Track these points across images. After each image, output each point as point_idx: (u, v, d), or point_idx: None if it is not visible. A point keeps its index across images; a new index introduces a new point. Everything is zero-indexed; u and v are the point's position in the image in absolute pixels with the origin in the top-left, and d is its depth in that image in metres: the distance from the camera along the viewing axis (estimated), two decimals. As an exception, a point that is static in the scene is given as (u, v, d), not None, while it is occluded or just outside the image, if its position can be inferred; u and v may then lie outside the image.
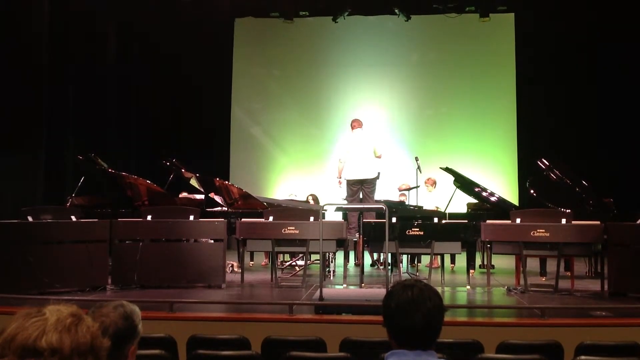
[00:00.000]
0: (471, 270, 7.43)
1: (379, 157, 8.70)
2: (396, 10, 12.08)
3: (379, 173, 8.70)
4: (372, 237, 7.16)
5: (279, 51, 13.01)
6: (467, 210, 8.69)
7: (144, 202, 8.24)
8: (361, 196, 8.68)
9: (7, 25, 9.17)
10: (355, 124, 8.91)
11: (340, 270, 7.96)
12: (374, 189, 8.71)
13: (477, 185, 8.29)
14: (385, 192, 9.75)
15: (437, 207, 9.00)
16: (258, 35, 13.10)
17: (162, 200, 8.14)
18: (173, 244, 7.04)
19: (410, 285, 2.10)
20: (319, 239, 6.02)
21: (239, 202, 8.24)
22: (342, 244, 7.32)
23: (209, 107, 12.78)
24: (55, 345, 1.30)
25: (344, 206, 8.45)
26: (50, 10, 9.84)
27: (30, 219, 6.42)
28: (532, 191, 7.79)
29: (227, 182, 8.98)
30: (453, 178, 8.45)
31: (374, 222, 7.44)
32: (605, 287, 6.38)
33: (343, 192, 9.02)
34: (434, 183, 9.57)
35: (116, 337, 2.02)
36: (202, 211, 7.60)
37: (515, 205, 8.73)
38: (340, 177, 8.82)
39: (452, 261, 8.53)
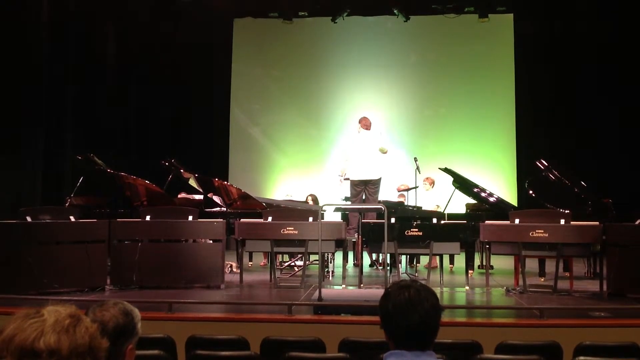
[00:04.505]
0: (470, 271, 7.44)
1: (385, 152, 8.59)
2: (395, 11, 12.10)
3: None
4: (371, 238, 7.16)
5: (278, 52, 13.02)
6: (466, 211, 8.70)
7: (142, 202, 8.24)
8: (363, 197, 8.66)
9: (6, 25, 9.17)
10: (365, 125, 8.77)
11: (339, 271, 7.97)
12: (378, 190, 8.65)
13: (476, 186, 8.30)
14: (384, 192, 9.74)
15: (438, 206, 9.01)
16: (257, 35, 13.11)
17: (161, 200, 8.14)
18: (172, 244, 7.04)
19: (407, 286, 2.11)
20: (317, 240, 6.02)
21: (238, 203, 8.24)
22: (341, 244, 7.32)
23: (208, 108, 12.79)
24: (53, 346, 1.30)
25: (342, 206, 8.45)
26: (50, 9, 9.84)
27: (29, 219, 6.41)
28: (530, 192, 7.80)
29: (226, 182, 8.98)
30: (452, 179, 8.45)
31: (373, 222, 7.44)
32: (604, 287, 6.37)
33: (344, 191, 8.99)
34: (433, 182, 9.59)
35: (115, 332, 2.03)
36: (201, 211, 7.59)
37: (514, 206, 8.75)
38: (343, 176, 8.77)
39: (451, 262, 8.53)
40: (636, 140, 10.80)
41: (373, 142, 8.65)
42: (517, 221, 6.60)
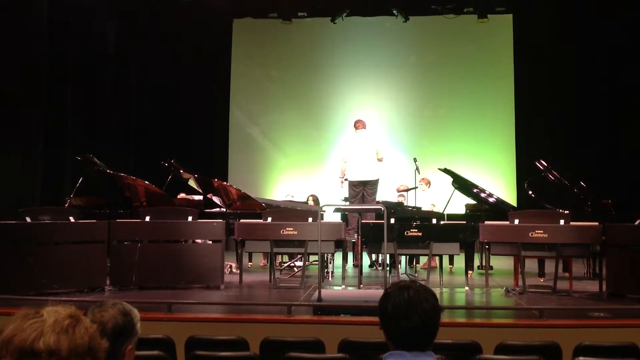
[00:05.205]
0: (470, 271, 7.44)
1: (380, 159, 8.67)
2: (394, 11, 12.10)
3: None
4: (371, 238, 7.16)
5: (278, 52, 13.02)
6: (466, 211, 8.69)
7: (142, 202, 8.24)
8: (362, 198, 8.67)
9: (6, 25, 9.17)
10: (360, 124, 8.83)
11: (338, 271, 7.96)
12: (376, 191, 8.69)
13: (476, 186, 8.30)
14: (383, 193, 9.75)
15: (434, 205, 9.04)
16: (256, 36, 13.11)
17: (160, 201, 8.13)
18: (171, 244, 7.04)
19: (406, 286, 2.11)
20: (317, 240, 6.02)
21: (238, 203, 8.24)
22: (340, 245, 7.32)
23: (207, 108, 12.79)
24: (52, 346, 1.30)
25: (342, 207, 8.45)
26: (50, 9, 9.84)
27: (28, 219, 6.41)
28: (530, 192, 7.80)
29: (225, 182, 8.99)
30: (451, 179, 8.46)
31: (373, 223, 7.45)
32: (604, 288, 6.38)
33: (344, 192, 9.00)
34: (429, 183, 9.62)
35: (114, 332, 2.03)
36: (200, 212, 7.59)
37: (513, 206, 8.75)
38: (343, 177, 8.80)
39: (451, 262, 8.52)
40: (636, 140, 10.80)
41: (370, 143, 8.68)
42: (516, 221, 6.60)
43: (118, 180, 8.29)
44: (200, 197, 9.22)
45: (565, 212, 6.74)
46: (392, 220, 6.96)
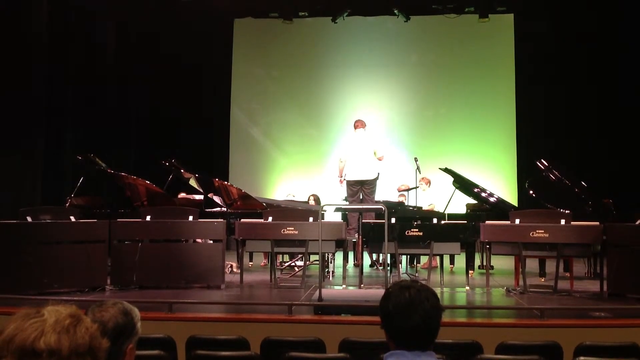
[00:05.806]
0: (470, 271, 7.43)
1: (380, 159, 8.65)
2: (395, 11, 12.09)
3: (378, 174, 8.68)
4: (372, 238, 7.16)
5: (278, 52, 13.02)
6: (467, 211, 8.70)
7: (143, 202, 8.24)
8: (361, 197, 8.67)
9: (6, 26, 9.17)
10: (358, 124, 8.85)
11: (339, 271, 7.96)
12: (374, 190, 8.68)
13: (477, 186, 8.30)
14: (384, 192, 9.76)
15: (432, 205, 9.04)
16: (257, 35, 13.11)
17: (161, 200, 8.14)
18: (172, 244, 7.04)
19: (407, 286, 2.10)
20: (318, 240, 6.02)
21: (238, 203, 8.24)
22: (341, 244, 7.32)
23: (208, 108, 12.79)
24: (53, 346, 1.30)
25: (343, 206, 8.45)
26: (50, 9, 9.84)
27: (29, 219, 6.41)
28: (531, 192, 7.80)
29: (226, 182, 8.98)
30: (452, 179, 8.45)
31: (373, 222, 7.45)
32: (605, 287, 6.36)
33: (343, 191, 9.01)
34: (429, 182, 9.63)
35: (115, 331, 2.03)
36: (201, 212, 7.59)
37: (514, 206, 8.75)
38: (342, 177, 8.80)
39: (452, 262, 8.52)
40: (636, 141, 10.79)
41: (368, 142, 8.67)
42: (517, 221, 6.60)
43: (119, 180, 8.29)
44: (201, 197, 9.23)
45: (566, 211, 6.74)
46: (393, 220, 6.96)
